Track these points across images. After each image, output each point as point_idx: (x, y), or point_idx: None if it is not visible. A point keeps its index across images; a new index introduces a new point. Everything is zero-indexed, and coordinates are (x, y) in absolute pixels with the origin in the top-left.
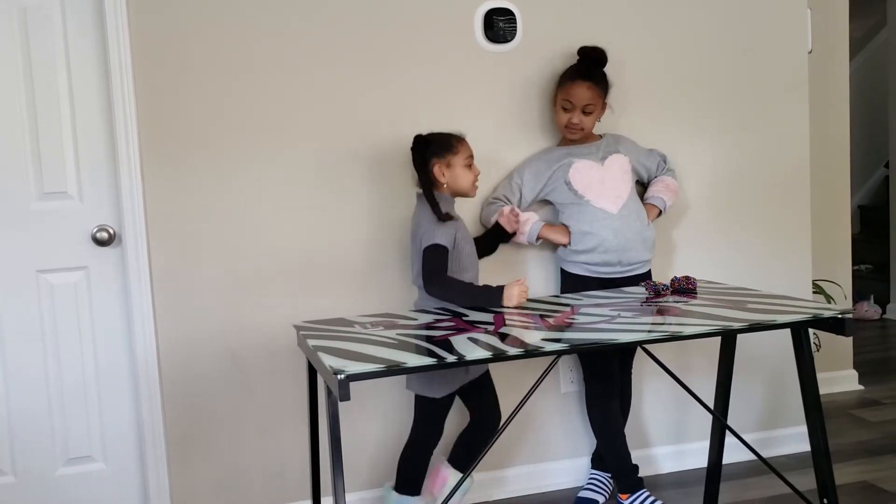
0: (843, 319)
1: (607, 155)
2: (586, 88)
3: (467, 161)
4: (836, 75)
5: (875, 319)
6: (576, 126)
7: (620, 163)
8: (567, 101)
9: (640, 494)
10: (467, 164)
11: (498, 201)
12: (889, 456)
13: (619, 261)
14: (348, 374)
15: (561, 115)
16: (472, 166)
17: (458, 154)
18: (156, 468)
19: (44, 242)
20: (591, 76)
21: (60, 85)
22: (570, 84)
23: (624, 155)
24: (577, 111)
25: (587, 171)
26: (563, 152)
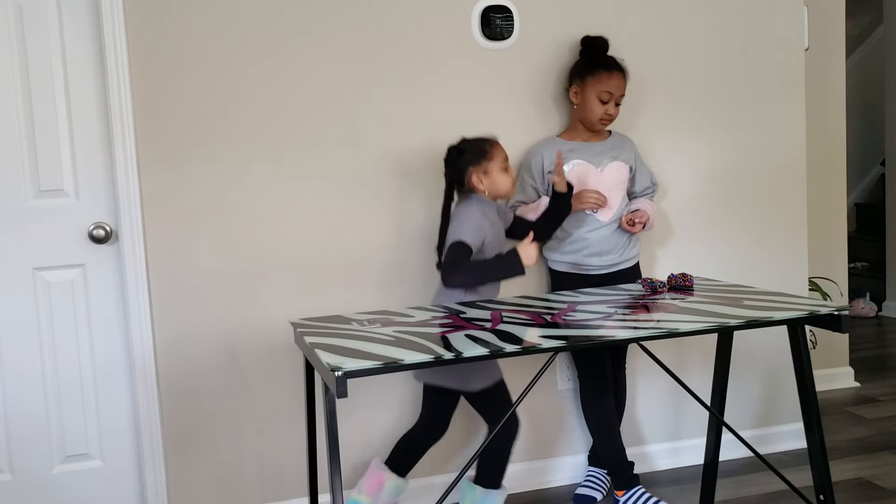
0: (840, 316)
1: (609, 161)
2: (621, 79)
3: (503, 164)
4: (832, 73)
5: (871, 317)
6: (611, 117)
7: (619, 172)
8: (606, 93)
9: (636, 491)
10: (503, 167)
11: (516, 207)
12: (885, 453)
13: (603, 261)
14: (346, 370)
15: (597, 107)
16: (508, 169)
17: (494, 159)
18: (153, 465)
19: (40, 240)
20: (621, 68)
21: (56, 82)
22: (608, 75)
23: (624, 163)
24: (612, 102)
25: (585, 176)
26: (566, 147)
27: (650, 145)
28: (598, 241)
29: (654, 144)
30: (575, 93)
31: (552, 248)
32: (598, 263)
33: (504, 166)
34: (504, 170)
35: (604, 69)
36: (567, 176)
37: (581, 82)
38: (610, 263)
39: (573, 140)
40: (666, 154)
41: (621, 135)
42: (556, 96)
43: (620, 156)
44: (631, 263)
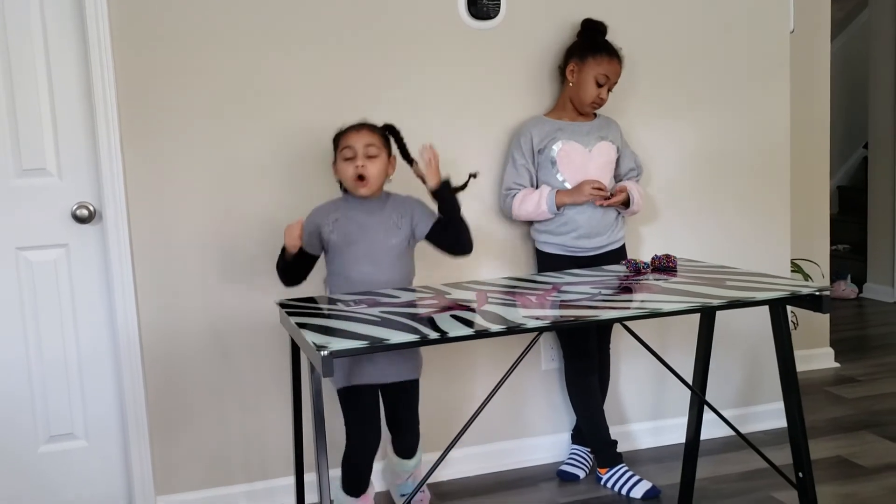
0: (821, 297)
1: (596, 141)
2: (619, 67)
3: (347, 153)
4: (817, 56)
5: (852, 298)
6: (602, 101)
7: (607, 153)
8: (604, 76)
9: (618, 469)
10: (346, 157)
11: (512, 191)
12: (863, 432)
13: (592, 244)
14: (332, 350)
15: (592, 88)
16: (355, 157)
17: (337, 149)
18: (138, 445)
19: (23, 220)
20: (620, 55)
21: (38, 61)
22: (609, 59)
23: (612, 144)
24: (606, 87)
25: (574, 156)
26: (554, 126)
27: (634, 127)
28: (588, 223)
29: (639, 126)
30: (571, 71)
31: (541, 230)
32: (587, 245)
33: (347, 154)
34: (346, 158)
35: (606, 53)
36: (556, 155)
37: (580, 62)
38: (598, 245)
39: (560, 119)
40: (650, 136)
41: (606, 117)
42: (543, 76)
43: (608, 136)
44: (618, 245)
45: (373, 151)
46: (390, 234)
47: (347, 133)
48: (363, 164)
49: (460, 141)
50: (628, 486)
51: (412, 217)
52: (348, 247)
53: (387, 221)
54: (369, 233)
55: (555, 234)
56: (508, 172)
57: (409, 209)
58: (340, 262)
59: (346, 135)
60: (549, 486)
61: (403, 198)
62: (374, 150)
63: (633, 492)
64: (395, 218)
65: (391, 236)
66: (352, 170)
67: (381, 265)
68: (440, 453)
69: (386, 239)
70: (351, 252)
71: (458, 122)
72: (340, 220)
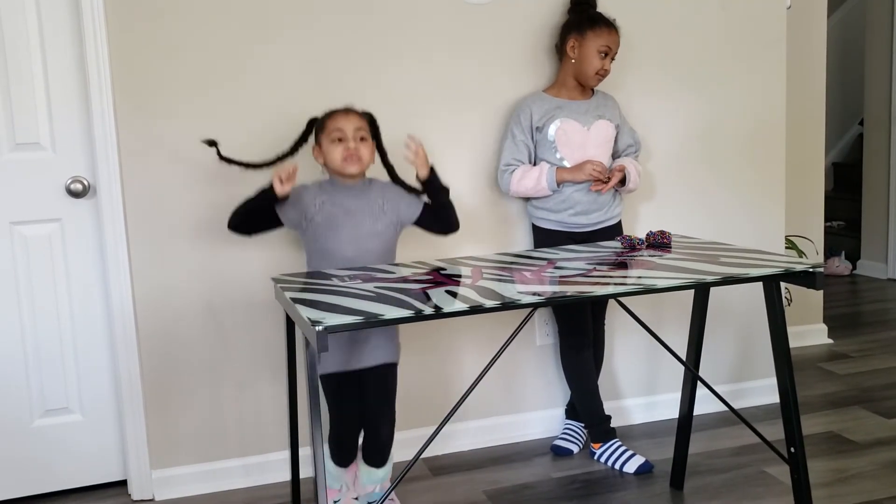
0: (814, 273)
1: (595, 120)
2: (618, 36)
3: (336, 135)
4: (813, 32)
5: (845, 275)
6: (606, 72)
7: (606, 131)
8: (606, 47)
9: (612, 444)
10: (335, 138)
11: (511, 166)
12: (855, 407)
13: (588, 220)
14: (326, 325)
15: (596, 60)
16: (343, 139)
17: (324, 131)
18: (133, 419)
19: (17, 194)
20: (614, 24)
21: (31, 33)
22: (608, 30)
23: (609, 121)
24: (609, 57)
25: (572, 134)
26: (553, 103)
27: (631, 104)
28: (585, 200)
29: (634, 104)
30: (572, 47)
31: (538, 206)
32: (584, 222)
33: (335, 136)
34: (335, 140)
35: (604, 24)
36: (554, 134)
37: (580, 36)
38: (594, 222)
39: (559, 97)
40: (646, 113)
41: (604, 93)
42: (538, 53)
43: (606, 114)
44: (614, 221)
45: (363, 134)
46: (376, 219)
47: (335, 116)
48: (356, 147)
49: (455, 119)
50: (621, 461)
51: (399, 203)
52: (332, 230)
53: (372, 206)
54: (355, 217)
55: (552, 211)
56: (507, 148)
57: (394, 195)
58: (323, 244)
59: (334, 118)
60: (543, 460)
61: (386, 183)
62: (364, 134)
63: (626, 467)
64: (381, 202)
65: (377, 221)
66: (342, 150)
67: (362, 248)
68: (435, 427)
69: (372, 224)
70: (335, 235)
71: (452, 100)
72: (326, 203)
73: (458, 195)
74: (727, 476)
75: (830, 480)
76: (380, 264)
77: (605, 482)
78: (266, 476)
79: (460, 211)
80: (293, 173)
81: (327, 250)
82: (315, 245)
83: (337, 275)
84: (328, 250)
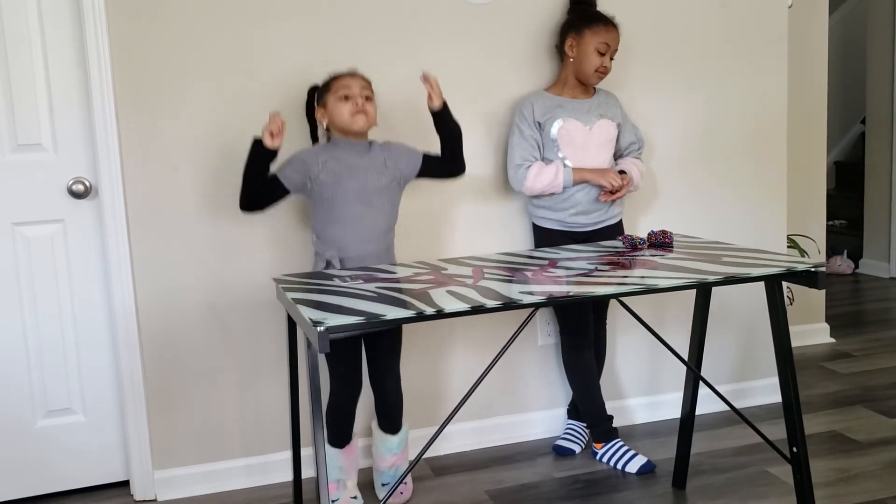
0: (816, 273)
1: (596, 119)
2: (616, 33)
3: (343, 93)
4: (815, 30)
5: (848, 274)
6: (606, 70)
7: (607, 131)
8: (604, 44)
9: (614, 444)
10: (342, 96)
11: (526, 162)
12: (857, 407)
13: (588, 220)
14: (328, 326)
15: (595, 58)
16: (349, 97)
17: (330, 91)
18: (135, 420)
19: (19, 195)
20: (612, 21)
21: (33, 35)
22: (605, 28)
23: (611, 121)
24: (608, 55)
25: (574, 134)
26: (554, 102)
27: (631, 103)
28: (586, 199)
29: (635, 102)
30: (570, 46)
31: (539, 206)
32: (584, 221)
33: (342, 94)
34: (342, 98)
35: (601, 22)
36: (557, 133)
37: (577, 35)
38: (594, 221)
39: (561, 96)
40: (647, 112)
41: (606, 91)
42: (539, 52)
43: (608, 113)
44: (614, 220)
45: (368, 94)
46: (380, 175)
47: (341, 77)
48: (362, 103)
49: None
50: (623, 461)
51: (399, 158)
52: (338, 186)
53: (375, 161)
54: (359, 172)
55: (553, 210)
56: (518, 144)
57: (394, 151)
58: (330, 201)
59: (341, 79)
60: (545, 460)
61: (383, 142)
62: (369, 94)
63: (629, 467)
64: (383, 158)
65: (381, 176)
66: (351, 106)
67: (371, 204)
68: (437, 428)
69: (377, 178)
70: (341, 191)
71: (453, 98)
72: (329, 161)
73: (461, 193)
74: (729, 476)
75: (833, 480)
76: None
77: (608, 482)
78: (268, 476)
79: (463, 208)
80: (282, 126)
81: (334, 208)
82: (322, 204)
83: (339, 275)
84: (335, 207)
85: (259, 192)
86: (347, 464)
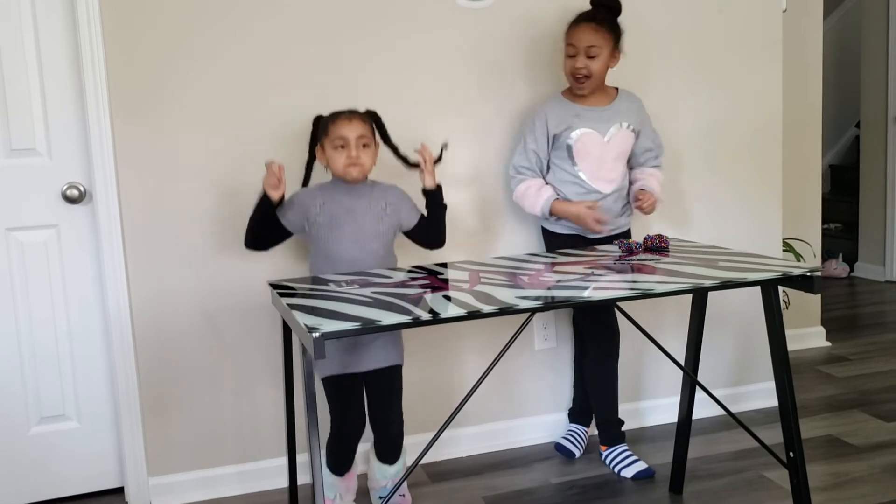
0: (812, 277)
1: (613, 129)
2: (590, 30)
3: (338, 142)
4: (809, 34)
5: (843, 277)
6: (579, 70)
7: (623, 141)
8: (570, 45)
9: (617, 448)
10: (337, 145)
11: (519, 175)
12: (853, 410)
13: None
14: (323, 332)
15: (566, 61)
16: (346, 146)
17: (328, 135)
18: (130, 426)
19: (13, 200)
20: (594, 18)
21: (26, 39)
22: (573, 27)
23: (629, 130)
24: (580, 55)
25: (590, 147)
26: (571, 110)
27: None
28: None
29: None
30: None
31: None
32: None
33: (338, 143)
34: (338, 147)
35: (573, 22)
36: (574, 144)
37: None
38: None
39: (577, 102)
40: None
41: (629, 94)
42: (537, 57)
43: (626, 120)
44: (623, 229)
45: (365, 141)
46: (378, 220)
47: (338, 122)
48: (357, 154)
49: (450, 123)
50: (622, 465)
51: (401, 209)
52: (334, 229)
53: (375, 206)
54: (357, 216)
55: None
56: (518, 152)
57: (396, 200)
58: (326, 244)
59: (337, 124)
60: (543, 466)
61: (389, 186)
62: (366, 140)
63: (625, 471)
64: (383, 204)
65: (379, 222)
66: (345, 159)
67: (366, 248)
68: (434, 433)
69: (374, 224)
70: (336, 234)
71: (449, 104)
72: (328, 203)
73: (458, 198)
74: (726, 480)
75: (829, 484)
76: (381, 268)
77: (605, 487)
78: (263, 483)
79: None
80: (280, 174)
81: (330, 251)
82: (319, 246)
83: (334, 280)
84: (331, 251)
85: (264, 238)
86: (345, 489)
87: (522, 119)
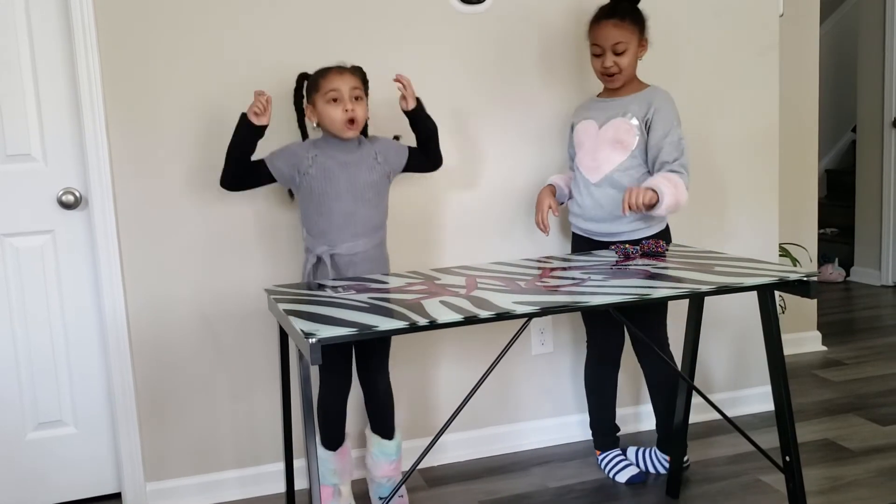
0: (808, 282)
1: (611, 118)
2: (612, 26)
3: (332, 95)
4: (806, 39)
5: (839, 282)
6: (610, 69)
7: (616, 130)
8: (595, 46)
9: (610, 453)
10: (329, 98)
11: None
12: (849, 415)
13: (598, 228)
14: (320, 337)
15: (593, 61)
16: (338, 100)
17: (319, 91)
18: (127, 431)
19: (8, 206)
20: (615, 13)
21: (21, 44)
22: (595, 26)
23: (631, 121)
24: (608, 53)
25: (583, 137)
26: (587, 105)
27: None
28: (591, 205)
29: None
30: None
31: (569, 210)
32: (594, 229)
33: (331, 97)
34: (330, 101)
35: (594, 20)
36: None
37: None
38: (605, 232)
39: (600, 97)
40: None
41: (654, 89)
42: (534, 61)
43: (632, 112)
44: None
45: (358, 94)
46: (371, 170)
47: (329, 76)
48: (352, 107)
49: (448, 124)
50: (616, 469)
51: (388, 153)
52: (328, 181)
53: (367, 158)
54: (350, 168)
55: (572, 215)
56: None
57: (384, 147)
58: (320, 196)
59: (329, 77)
60: (539, 470)
61: (373, 136)
62: (359, 93)
63: (619, 476)
64: (374, 153)
65: (372, 172)
66: (341, 113)
67: (361, 199)
68: (431, 438)
69: (368, 174)
70: (331, 186)
71: (445, 109)
72: (320, 156)
73: (454, 203)
74: (723, 484)
75: (826, 488)
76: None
77: (602, 491)
78: (261, 488)
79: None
80: (267, 103)
81: (324, 203)
82: (311, 198)
83: (331, 285)
84: (325, 203)
85: (243, 172)
86: (341, 466)
87: (521, 121)
